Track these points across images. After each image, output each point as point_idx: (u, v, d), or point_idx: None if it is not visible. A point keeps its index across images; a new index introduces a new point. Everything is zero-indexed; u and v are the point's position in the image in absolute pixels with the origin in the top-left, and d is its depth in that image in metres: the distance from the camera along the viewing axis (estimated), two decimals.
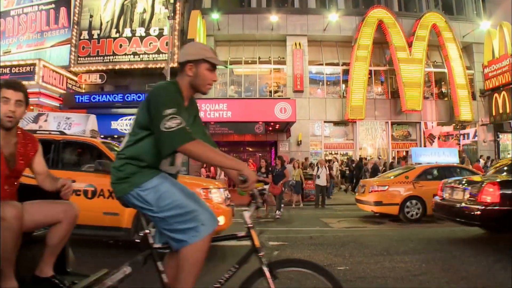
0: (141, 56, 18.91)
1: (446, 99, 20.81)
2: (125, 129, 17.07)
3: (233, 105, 16.71)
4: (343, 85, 20.45)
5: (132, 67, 18.87)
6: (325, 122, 20.09)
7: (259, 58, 20.43)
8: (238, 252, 2.22)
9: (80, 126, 6.63)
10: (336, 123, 20.46)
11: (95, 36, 19.56)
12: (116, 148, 6.09)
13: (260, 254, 2.07)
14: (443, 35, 19.96)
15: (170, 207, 2.03)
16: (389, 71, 20.54)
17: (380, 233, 7.65)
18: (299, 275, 2.22)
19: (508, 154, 20.73)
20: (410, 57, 19.37)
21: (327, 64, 20.69)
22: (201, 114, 13.83)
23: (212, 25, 19.68)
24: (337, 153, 20.62)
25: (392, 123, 20.49)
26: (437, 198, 6.87)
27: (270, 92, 20.28)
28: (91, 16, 19.87)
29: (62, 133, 5.95)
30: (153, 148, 2.06)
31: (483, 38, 20.36)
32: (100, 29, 19.65)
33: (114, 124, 17.82)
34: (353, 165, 17.58)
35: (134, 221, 4.98)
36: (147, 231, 2.19)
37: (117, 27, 19.53)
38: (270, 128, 17.99)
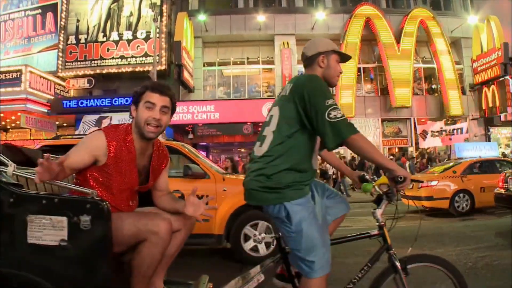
0: (128, 59, 18.75)
1: (436, 94, 20.82)
2: None
3: (221, 106, 16.60)
4: None
5: (120, 70, 18.68)
6: None
7: (248, 58, 20.35)
8: None
9: None
10: None
11: (82, 41, 19.37)
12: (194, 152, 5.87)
13: (391, 251, 2.11)
14: (431, 31, 19.96)
15: (302, 234, 1.91)
16: (378, 68, 20.53)
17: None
18: (422, 271, 2.27)
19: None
20: (399, 53, 19.34)
21: None
22: (189, 116, 13.60)
23: (200, 27, 19.59)
24: None
25: (383, 120, 20.46)
26: (497, 190, 6.91)
27: (260, 92, 20.20)
28: (78, 21, 19.68)
29: None
30: (306, 143, 1.98)
31: (471, 32, 20.41)
32: (87, 34, 19.47)
33: None
34: (355, 163, 17.56)
35: (226, 226, 4.90)
36: (278, 235, 2.12)
37: (104, 31, 19.36)
38: (259, 129, 17.87)
